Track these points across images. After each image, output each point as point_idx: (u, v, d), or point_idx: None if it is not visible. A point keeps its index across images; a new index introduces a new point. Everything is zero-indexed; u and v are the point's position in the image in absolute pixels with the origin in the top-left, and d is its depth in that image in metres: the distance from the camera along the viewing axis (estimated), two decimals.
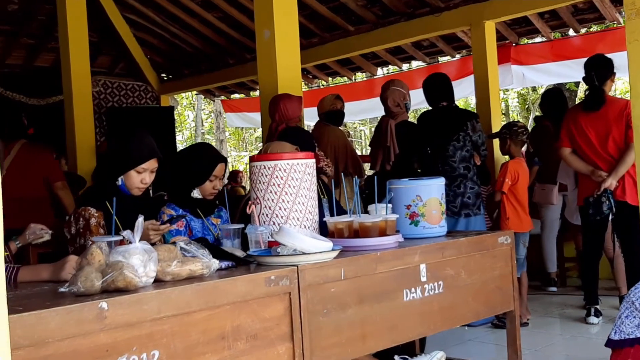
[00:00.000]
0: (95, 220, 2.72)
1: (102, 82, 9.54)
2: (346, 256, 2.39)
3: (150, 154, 2.79)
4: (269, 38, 5.02)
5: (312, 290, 2.21)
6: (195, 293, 1.89)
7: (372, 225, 2.55)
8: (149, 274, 1.89)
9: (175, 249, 2.04)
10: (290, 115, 4.44)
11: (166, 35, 9.12)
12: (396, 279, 2.52)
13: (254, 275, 2.06)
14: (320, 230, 2.71)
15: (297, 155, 2.65)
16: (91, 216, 2.72)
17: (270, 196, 2.61)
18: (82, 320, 1.65)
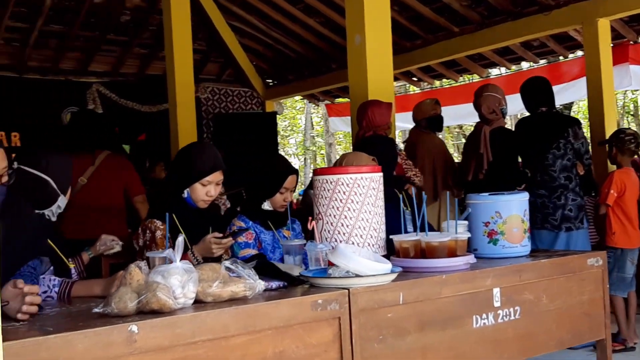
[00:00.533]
0: (161, 233, 2.71)
1: (210, 89, 9.76)
2: (408, 278, 2.24)
3: (214, 167, 2.75)
4: (360, 43, 4.92)
5: (366, 315, 2.08)
6: (234, 316, 1.81)
7: (439, 245, 2.38)
8: (187, 295, 1.83)
9: (220, 268, 1.98)
10: (378, 122, 4.31)
11: (270, 41, 9.21)
12: (464, 303, 2.34)
13: (299, 298, 1.96)
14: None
15: (361, 169, 2.52)
16: (157, 229, 2.71)
17: (332, 212, 2.50)
18: (110, 344, 1.62)
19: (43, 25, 7.74)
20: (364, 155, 3.25)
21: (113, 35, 8.41)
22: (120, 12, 8.09)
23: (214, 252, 2.61)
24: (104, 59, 8.71)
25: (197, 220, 2.78)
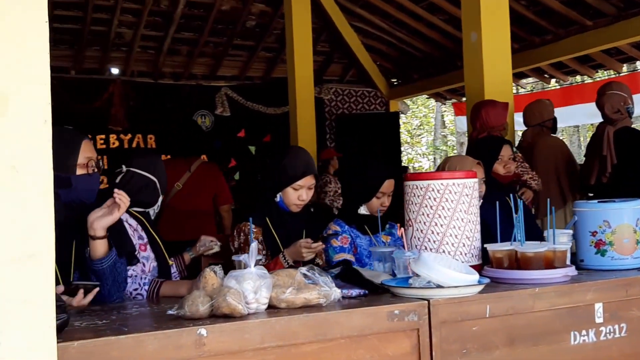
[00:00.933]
0: (254, 236, 2.76)
1: (333, 90, 9.84)
2: (497, 290, 2.14)
3: (305, 172, 2.76)
4: (475, 41, 4.77)
5: (448, 328, 2.00)
6: (303, 324, 1.80)
7: (534, 256, 2.25)
8: (260, 300, 1.84)
9: (296, 275, 1.98)
10: (493, 123, 4.15)
11: (394, 41, 9.15)
12: (561, 319, 2.19)
13: (374, 308, 1.91)
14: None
15: (454, 174, 2.43)
16: (249, 232, 2.76)
17: (422, 219, 2.43)
18: (180, 346, 1.66)
19: (175, 32, 8.13)
20: (468, 158, 3.15)
21: (240, 40, 8.69)
22: (246, 18, 8.34)
23: (304, 257, 2.62)
24: (231, 64, 9.02)
25: (292, 224, 2.81)
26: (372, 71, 9.83)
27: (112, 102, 8.32)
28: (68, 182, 2.13)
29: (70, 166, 2.16)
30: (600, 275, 2.39)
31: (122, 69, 8.43)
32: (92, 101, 8.21)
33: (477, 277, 2.08)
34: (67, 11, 7.50)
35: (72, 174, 2.16)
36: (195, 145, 5.11)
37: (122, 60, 8.37)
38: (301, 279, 1.97)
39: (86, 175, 2.19)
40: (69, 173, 2.16)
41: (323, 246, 2.70)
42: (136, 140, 8.53)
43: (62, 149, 2.12)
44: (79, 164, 2.18)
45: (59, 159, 2.13)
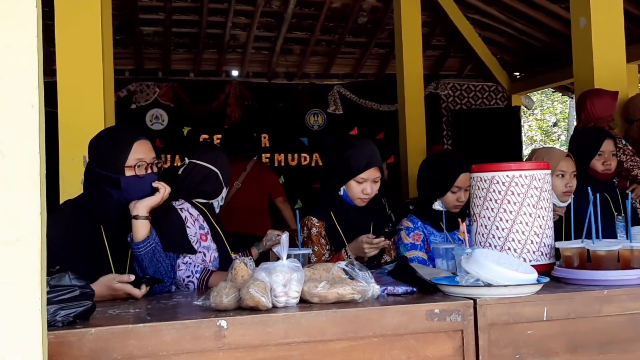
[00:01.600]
0: (316, 230, 2.70)
1: (451, 85, 9.59)
2: (557, 291, 1.95)
3: (368, 164, 2.66)
4: (584, 26, 4.44)
5: (498, 330, 1.85)
6: (331, 320, 1.72)
7: (606, 255, 2.03)
8: (290, 294, 1.78)
9: (333, 269, 1.90)
10: (598, 114, 3.85)
11: (513, 32, 8.75)
12: (636, 325, 1.97)
13: (411, 306, 1.80)
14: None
15: (522, 165, 2.25)
16: (312, 226, 2.71)
17: (486, 213, 2.26)
18: (198, 337, 1.63)
19: (287, 32, 8.23)
20: (557, 150, 2.93)
21: (352, 37, 8.65)
22: (357, 15, 8.29)
23: (366, 252, 2.53)
24: (344, 61, 9.00)
25: (357, 218, 2.73)
26: (492, 65, 9.46)
27: (228, 102, 8.57)
28: (117, 183, 2.18)
29: (119, 167, 2.19)
30: None
31: (237, 70, 8.65)
32: (210, 102, 8.49)
33: (533, 276, 1.90)
34: (184, 15, 7.79)
35: (121, 174, 2.19)
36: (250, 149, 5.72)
37: (237, 61, 8.59)
38: (339, 273, 1.89)
39: (135, 177, 2.21)
40: (119, 174, 2.19)
41: (387, 243, 2.59)
42: None
43: (112, 149, 2.18)
44: (127, 165, 2.21)
45: (109, 159, 2.21)
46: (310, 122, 8.97)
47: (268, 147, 8.81)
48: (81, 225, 2.18)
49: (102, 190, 2.20)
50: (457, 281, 1.92)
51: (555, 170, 2.87)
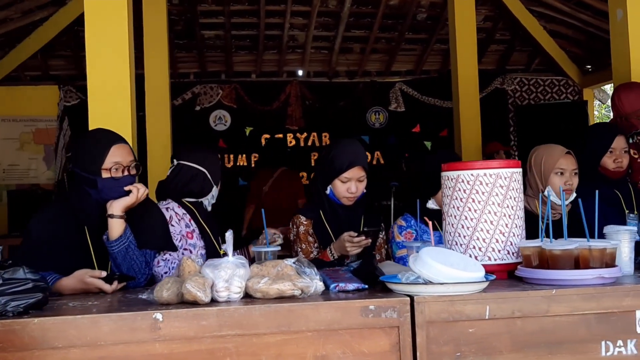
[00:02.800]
0: (304, 228, 2.77)
1: (518, 80, 9.36)
2: (502, 290, 1.95)
3: (350, 164, 2.71)
4: (621, 19, 4.29)
5: (438, 328, 1.87)
6: (264, 315, 1.80)
7: (561, 254, 2.00)
8: (231, 289, 1.87)
9: (283, 265, 1.97)
10: (627, 109, 3.71)
11: (578, 24, 8.46)
12: (588, 326, 1.93)
13: (345, 302, 1.85)
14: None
15: (488, 164, 2.24)
16: (300, 224, 2.78)
17: (453, 212, 2.27)
18: (135, 328, 1.75)
19: (345, 31, 8.30)
20: (557, 148, 2.88)
21: (411, 34, 8.62)
22: (415, 11, 8.26)
23: (349, 251, 2.59)
24: (405, 58, 8.98)
25: (346, 217, 2.78)
26: (560, 58, 9.18)
27: (289, 102, 8.73)
28: (94, 184, 2.33)
29: (96, 169, 2.34)
30: None
31: (301, 70, 8.79)
32: (271, 102, 8.68)
33: (476, 274, 1.91)
34: (242, 18, 8.00)
35: (98, 176, 2.34)
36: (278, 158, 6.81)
37: (297, 61, 8.73)
38: (287, 270, 1.96)
39: (111, 179, 2.35)
40: (96, 175, 2.34)
41: (368, 241, 2.63)
42: (312, 138, 8.85)
43: (90, 152, 2.34)
44: (104, 167, 2.35)
45: (87, 161, 2.36)
46: (371, 120, 9.00)
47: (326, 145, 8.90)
48: (66, 223, 2.35)
49: (82, 190, 2.36)
50: (399, 278, 1.95)
51: (554, 167, 2.82)
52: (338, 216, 2.78)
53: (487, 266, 2.17)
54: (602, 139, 3.11)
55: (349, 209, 2.81)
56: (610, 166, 3.09)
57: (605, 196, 3.01)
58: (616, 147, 3.09)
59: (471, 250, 2.21)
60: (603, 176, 3.09)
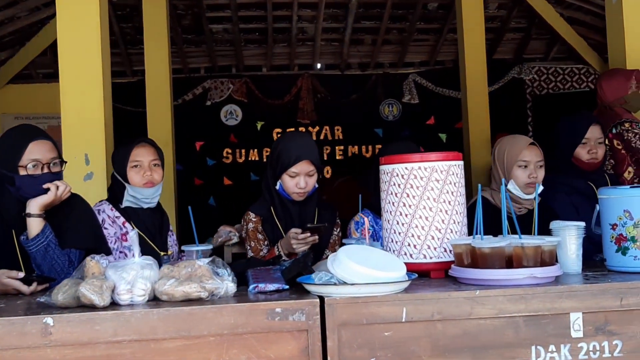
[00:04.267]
0: (253, 226, 2.68)
1: (536, 69, 9.09)
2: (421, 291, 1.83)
3: (297, 158, 2.60)
4: (616, 2, 4.09)
5: (351, 331, 1.76)
6: (163, 319, 1.71)
7: (490, 253, 1.87)
8: (135, 291, 1.79)
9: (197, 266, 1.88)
10: (608, 97, 3.54)
11: (596, 10, 8.16)
12: (516, 329, 1.80)
13: (249, 305, 1.75)
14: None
15: (428, 156, 2.11)
16: (249, 221, 2.69)
17: (389, 207, 2.15)
18: (25, 333, 1.68)
19: (355, 22, 8.15)
20: (521, 138, 2.75)
21: (423, 24, 8.43)
22: (425, 0, 8.07)
23: (295, 249, 2.49)
24: (419, 49, 8.79)
25: (297, 213, 2.68)
26: (579, 45, 8.86)
27: (300, 95, 8.64)
28: (12, 181, 2.28)
29: (14, 166, 2.29)
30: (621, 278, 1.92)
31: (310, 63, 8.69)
32: (282, 96, 8.60)
33: (393, 274, 1.79)
34: (250, 11, 7.91)
35: (16, 173, 2.29)
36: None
37: (308, 54, 8.62)
38: (201, 270, 1.87)
39: (28, 176, 2.29)
40: (14, 173, 2.29)
41: (314, 238, 2.52)
42: (324, 132, 8.74)
43: (8, 149, 2.28)
44: (20, 165, 2.30)
45: (5, 158, 2.31)
46: (384, 113, 8.85)
47: (342, 139, 8.79)
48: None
49: (4, 188, 2.31)
50: (312, 279, 1.84)
51: (518, 159, 2.68)
52: (289, 212, 2.68)
53: (423, 265, 2.06)
54: (575, 129, 2.95)
55: (300, 204, 2.70)
56: (584, 157, 2.93)
57: (578, 189, 2.86)
58: (590, 138, 2.92)
59: (406, 248, 2.10)
60: (576, 168, 2.93)
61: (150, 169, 2.71)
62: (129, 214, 2.69)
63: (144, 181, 2.68)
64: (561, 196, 2.85)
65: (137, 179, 2.68)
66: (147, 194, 2.69)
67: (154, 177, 2.70)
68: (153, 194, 2.71)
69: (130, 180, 2.68)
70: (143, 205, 2.71)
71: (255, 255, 2.66)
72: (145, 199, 2.70)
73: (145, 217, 2.70)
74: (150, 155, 2.73)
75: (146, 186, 2.68)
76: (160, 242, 2.69)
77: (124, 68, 8.36)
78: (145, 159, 2.71)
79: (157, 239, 2.69)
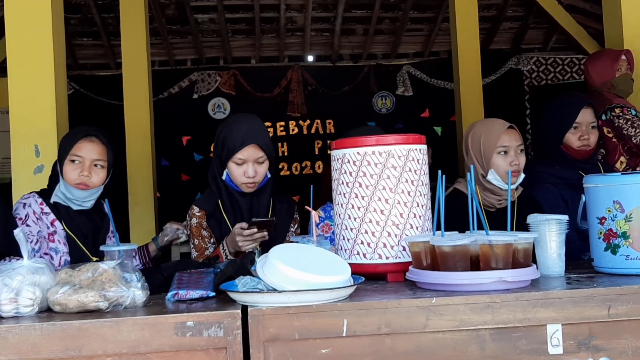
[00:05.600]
0: (197, 221, 2.38)
1: (534, 60, 8.75)
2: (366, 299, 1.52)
3: (243, 142, 2.29)
4: None
5: (280, 348, 1.45)
6: (47, 335, 1.41)
7: (451, 252, 1.56)
8: (20, 301, 1.48)
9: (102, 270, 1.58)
10: (595, 81, 3.24)
11: None
12: (482, 345, 1.49)
13: (155, 318, 1.44)
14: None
15: (380, 140, 1.80)
16: (193, 216, 2.39)
17: (340, 199, 1.84)
18: None
19: (345, 11, 7.83)
20: (497, 122, 2.43)
21: (417, 12, 8.11)
22: None
23: (241, 246, 2.18)
24: (412, 39, 8.47)
25: (247, 206, 2.37)
26: (579, 35, 8.53)
27: (290, 88, 8.34)
28: None
29: None
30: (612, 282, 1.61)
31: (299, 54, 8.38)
32: (271, 89, 8.30)
33: (332, 279, 1.48)
34: (235, 0, 7.61)
35: None
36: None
37: (298, 45, 8.31)
38: (106, 275, 1.57)
39: None
40: None
41: (262, 234, 2.21)
42: (315, 125, 8.45)
43: None
44: None
45: None
46: (378, 106, 8.54)
47: (333, 133, 8.47)
48: None
49: None
50: (235, 285, 1.53)
51: (496, 146, 2.36)
52: (238, 205, 2.37)
53: (378, 266, 1.76)
54: (565, 113, 2.63)
55: (251, 196, 2.39)
56: (575, 144, 2.61)
57: (568, 180, 2.55)
58: (581, 122, 2.61)
59: (359, 247, 1.79)
60: (566, 156, 2.62)
61: (90, 169, 2.37)
62: (60, 211, 2.37)
63: (78, 181, 2.35)
64: (548, 188, 2.54)
65: (72, 176, 2.35)
66: (77, 196, 2.36)
67: (91, 179, 2.36)
68: (85, 197, 2.38)
69: (65, 175, 2.36)
70: (73, 207, 2.39)
71: (200, 254, 2.35)
72: (75, 200, 2.37)
73: (78, 218, 2.38)
74: (94, 153, 2.38)
75: (79, 187, 2.35)
76: (94, 247, 2.36)
77: (107, 60, 8.08)
78: (87, 156, 2.37)
79: (90, 242, 2.36)
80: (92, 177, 2.36)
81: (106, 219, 2.45)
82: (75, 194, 2.34)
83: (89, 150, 2.37)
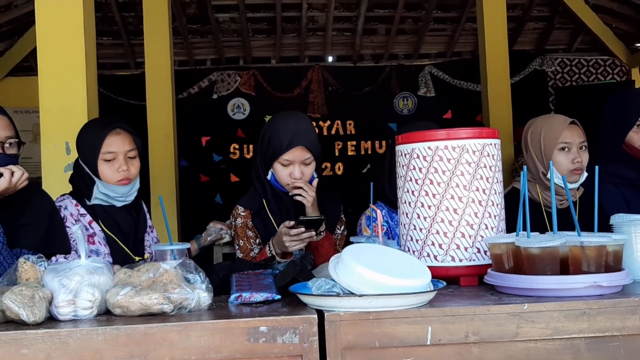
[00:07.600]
0: (242, 221, 2.27)
1: (559, 61, 8.63)
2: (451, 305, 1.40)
3: (290, 144, 2.17)
4: None
5: (359, 357, 1.34)
6: (111, 340, 1.30)
7: (540, 254, 1.44)
8: (79, 303, 1.38)
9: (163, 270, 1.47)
10: None
11: None
12: (577, 355, 1.37)
13: (226, 322, 1.33)
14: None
15: (449, 133, 1.69)
16: (238, 216, 2.28)
17: (407, 197, 1.73)
18: None
19: (367, 11, 7.73)
20: (558, 117, 2.32)
21: (440, 12, 8.00)
22: None
23: (288, 247, 2.07)
24: (435, 39, 8.36)
25: (293, 207, 2.26)
26: (605, 35, 8.40)
27: (311, 88, 8.24)
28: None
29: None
30: None
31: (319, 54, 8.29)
32: (292, 89, 8.21)
33: (414, 282, 1.37)
34: None
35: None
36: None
37: (319, 45, 8.22)
38: (168, 276, 1.46)
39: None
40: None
41: (311, 234, 2.10)
42: (335, 126, 8.35)
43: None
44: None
45: None
46: (399, 107, 8.43)
47: (354, 134, 8.37)
48: None
49: None
50: (310, 288, 1.43)
51: (558, 142, 2.25)
52: (284, 205, 2.26)
53: (451, 269, 1.64)
54: (628, 111, 2.51)
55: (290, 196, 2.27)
56: (638, 143, 2.49)
57: (629, 180, 2.43)
58: None
59: (430, 248, 1.68)
60: (627, 155, 2.50)
61: (127, 161, 2.26)
62: (97, 211, 2.25)
63: (119, 177, 2.23)
64: (608, 188, 2.42)
65: (111, 175, 2.24)
66: (122, 192, 2.25)
67: (130, 171, 2.26)
68: (129, 191, 2.27)
69: (102, 175, 2.24)
70: (116, 204, 2.28)
71: (245, 256, 2.24)
72: (120, 197, 2.26)
73: (117, 216, 2.27)
74: (126, 144, 2.27)
75: (121, 183, 2.24)
76: (135, 245, 2.25)
77: (127, 60, 8.01)
78: (119, 149, 2.25)
79: (130, 241, 2.26)
80: (131, 169, 2.26)
81: (142, 212, 2.36)
82: (119, 191, 2.24)
83: (119, 143, 2.26)
